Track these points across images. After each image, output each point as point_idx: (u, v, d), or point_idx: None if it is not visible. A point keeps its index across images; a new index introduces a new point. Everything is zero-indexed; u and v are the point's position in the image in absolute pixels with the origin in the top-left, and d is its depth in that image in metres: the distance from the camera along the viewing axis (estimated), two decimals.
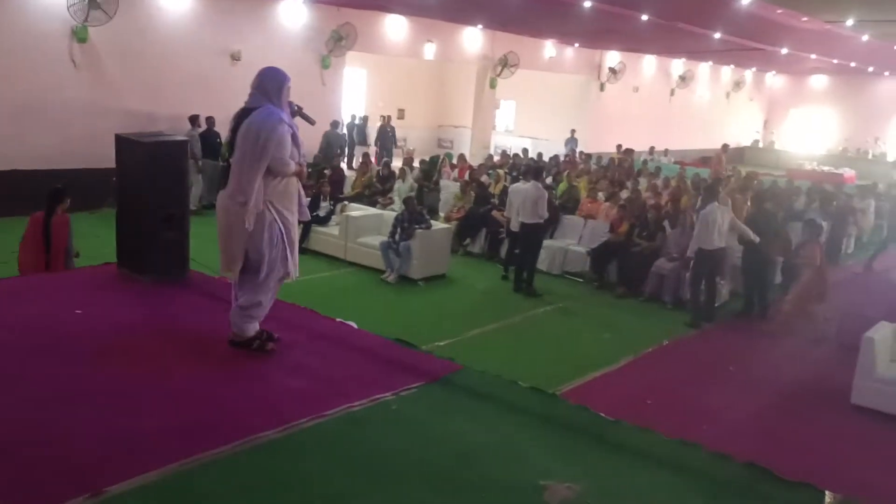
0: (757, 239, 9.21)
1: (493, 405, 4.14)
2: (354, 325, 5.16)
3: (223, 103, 14.40)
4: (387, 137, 19.07)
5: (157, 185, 5.04)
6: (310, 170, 14.65)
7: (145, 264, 5.22)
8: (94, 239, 8.77)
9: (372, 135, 19.64)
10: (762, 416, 6.75)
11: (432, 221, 10.61)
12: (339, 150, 16.30)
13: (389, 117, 19.50)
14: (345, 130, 16.25)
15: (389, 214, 10.95)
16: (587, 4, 14.30)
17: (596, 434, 3.95)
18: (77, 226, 7.20)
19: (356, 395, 3.85)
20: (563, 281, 10.79)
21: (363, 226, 10.82)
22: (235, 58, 14.49)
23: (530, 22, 18.65)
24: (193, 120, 13.42)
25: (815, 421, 6.73)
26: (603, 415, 4.19)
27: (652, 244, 10.33)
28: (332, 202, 11.56)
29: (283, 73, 4.38)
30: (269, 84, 4.30)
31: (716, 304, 9.37)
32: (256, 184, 4.18)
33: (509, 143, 23.71)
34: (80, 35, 12.17)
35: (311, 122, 4.48)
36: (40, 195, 6.78)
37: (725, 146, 20.32)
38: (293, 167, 4.36)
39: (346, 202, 11.77)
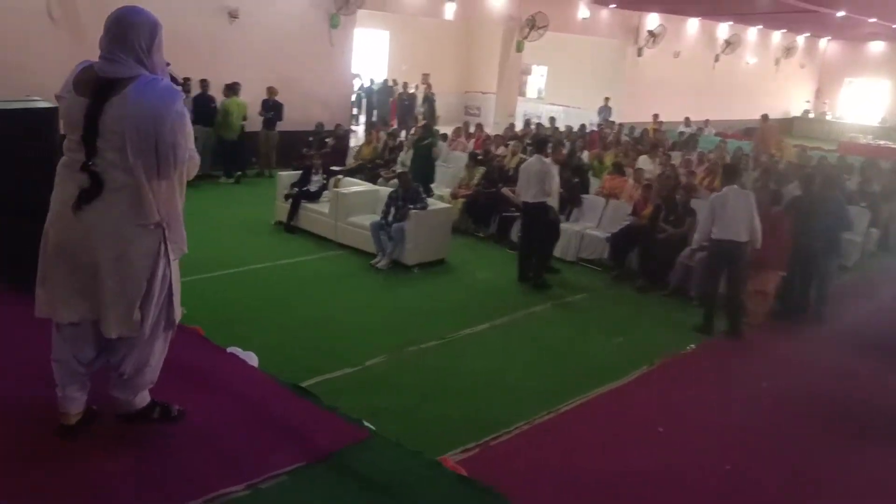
0: (758, 244, 7.50)
1: None
2: (254, 359, 4.01)
3: (219, 65, 13.36)
4: (404, 107, 17.82)
5: (13, 167, 3.93)
6: (311, 138, 13.73)
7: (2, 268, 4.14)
8: None
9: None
10: (798, 449, 5.54)
11: (429, 200, 9.45)
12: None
13: (406, 84, 18.17)
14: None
15: (387, 191, 9.80)
16: None
17: None
18: None
19: (184, 496, 2.64)
20: (577, 269, 9.57)
21: (355, 203, 9.70)
22: (233, 16, 13.37)
23: None
24: (185, 83, 12.37)
25: (864, 458, 5.51)
26: None
27: (679, 230, 9.04)
28: (324, 175, 10.45)
29: (151, 15, 2.97)
30: (140, 38, 2.89)
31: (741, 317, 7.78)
32: (178, 196, 2.99)
33: (539, 111, 22.37)
34: None
35: (177, 83, 3.21)
36: None
37: (766, 117, 18.49)
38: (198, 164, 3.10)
39: (340, 176, 10.64)
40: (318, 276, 8.63)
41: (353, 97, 16.36)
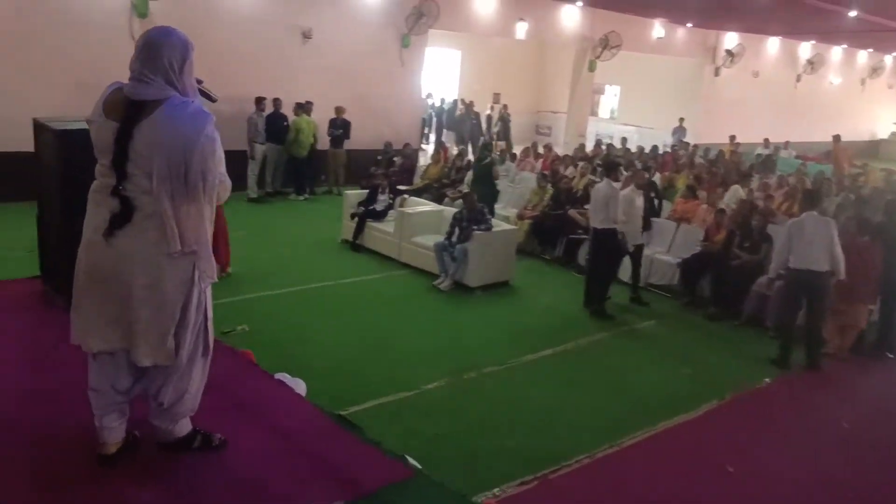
0: (842, 275, 7.10)
1: None
2: (302, 387, 3.91)
3: (292, 84, 13.56)
4: (473, 126, 17.76)
5: (72, 185, 3.95)
6: (379, 157, 13.80)
7: (61, 281, 4.19)
8: None
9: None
10: (881, 497, 5.18)
11: (494, 221, 9.33)
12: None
13: (472, 103, 18.12)
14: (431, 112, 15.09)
15: (451, 211, 9.72)
16: None
17: None
18: None
19: None
20: (646, 295, 9.26)
21: (420, 223, 9.65)
22: (307, 36, 13.57)
23: None
24: (259, 102, 12.64)
25: None
26: None
27: (755, 257, 8.66)
28: (391, 195, 10.44)
29: (183, 36, 2.88)
30: (171, 58, 2.81)
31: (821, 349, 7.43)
32: (208, 222, 2.90)
33: (612, 131, 22.04)
34: (140, 10, 11.55)
35: (213, 99, 3.13)
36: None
37: (837, 137, 17.73)
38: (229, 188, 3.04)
39: (405, 195, 10.63)
40: (379, 295, 8.58)
41: (424, 116, 16.34)
